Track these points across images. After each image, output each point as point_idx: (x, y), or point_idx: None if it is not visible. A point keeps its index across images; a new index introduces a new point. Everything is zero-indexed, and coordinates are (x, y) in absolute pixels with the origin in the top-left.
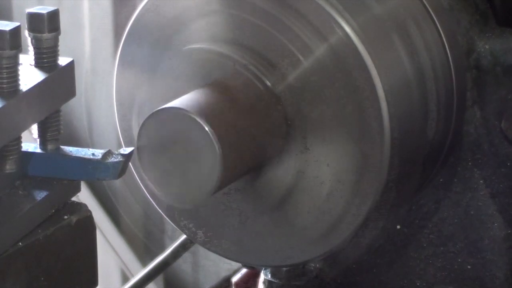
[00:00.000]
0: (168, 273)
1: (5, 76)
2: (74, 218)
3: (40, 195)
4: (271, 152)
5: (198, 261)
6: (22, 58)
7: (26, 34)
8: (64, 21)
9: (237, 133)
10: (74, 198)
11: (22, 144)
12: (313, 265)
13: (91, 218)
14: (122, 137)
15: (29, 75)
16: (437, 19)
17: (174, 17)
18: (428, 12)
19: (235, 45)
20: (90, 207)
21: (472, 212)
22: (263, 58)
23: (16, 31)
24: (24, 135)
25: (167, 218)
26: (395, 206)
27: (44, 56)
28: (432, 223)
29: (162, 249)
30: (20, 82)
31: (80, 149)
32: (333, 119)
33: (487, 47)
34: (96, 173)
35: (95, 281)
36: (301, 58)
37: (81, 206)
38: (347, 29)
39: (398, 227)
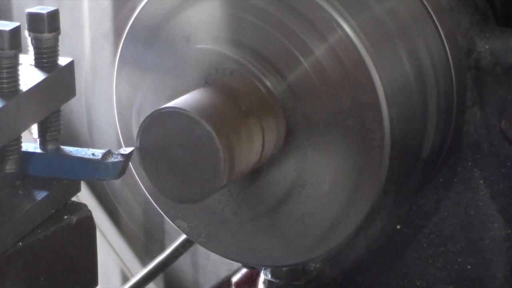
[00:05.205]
0: (168, 273)
1: (5, 76)
2: (74, 218)
3: (40, 195)
4: (271, 153)
5: (198, 261)
6: (22, 58)
7: (26, 34)
8: (64, 21)
9: (237, 133)
10: (74, 198)
11: (22, 144)
12: (313, 265)
13: (91, 218)
14: (122, 137)
15: (29, 75)
16: (437, 19)
17: (174, 17)
18: (428, 12)
19: (235, 45)
20: (90, 207)
21: (472, 212)
22: (263, 58)
23: (16, 31)
24: (24, 135)
25: (165, 217)
26: (394, 207)
27: (44, 56)
28: (432, 223)
29: (162, 249)
30: (20, 82)
31: (80, 149)
32: (333, 119)
33: (487, 47)
34: (96, 173)
35: (95, 281)
36: (301, 58)
37: (81, 206)
38: (347, 29)
39: (398, 227)
